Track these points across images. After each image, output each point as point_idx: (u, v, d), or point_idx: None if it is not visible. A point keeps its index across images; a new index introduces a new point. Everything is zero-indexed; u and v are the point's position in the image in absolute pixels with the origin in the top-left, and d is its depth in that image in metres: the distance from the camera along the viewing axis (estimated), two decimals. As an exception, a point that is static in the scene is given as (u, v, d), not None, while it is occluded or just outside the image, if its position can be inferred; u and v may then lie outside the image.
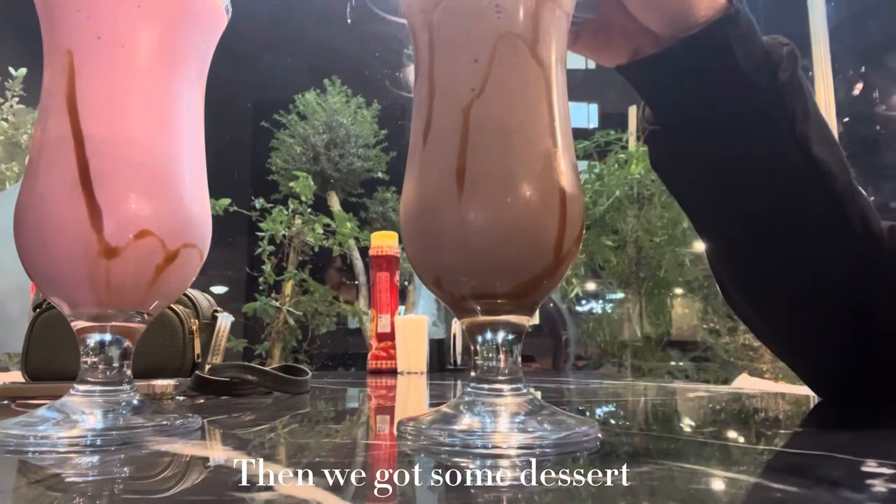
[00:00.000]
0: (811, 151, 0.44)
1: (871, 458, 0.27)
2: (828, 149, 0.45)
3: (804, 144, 0.44)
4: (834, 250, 0.46)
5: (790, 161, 0.45)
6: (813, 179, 0.45)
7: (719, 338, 2.55)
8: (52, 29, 0.36)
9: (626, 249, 2.56)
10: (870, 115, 4.08)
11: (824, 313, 0.48)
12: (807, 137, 0.45)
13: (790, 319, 0.50)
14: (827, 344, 0.50)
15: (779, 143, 0.45)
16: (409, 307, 2.71)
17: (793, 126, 0.44)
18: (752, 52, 0.44)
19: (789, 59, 0.44)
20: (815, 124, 0.45)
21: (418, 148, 0.35)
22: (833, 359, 0.51)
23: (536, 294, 0.34)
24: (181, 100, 0.38)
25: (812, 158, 0.45)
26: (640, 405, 0.59)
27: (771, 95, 0.44)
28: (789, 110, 0.44)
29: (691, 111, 0.46)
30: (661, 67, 0.46)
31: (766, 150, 0.45)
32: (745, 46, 0.43)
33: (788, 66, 0.44)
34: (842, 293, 0.47)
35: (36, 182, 0.35)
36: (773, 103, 0.44)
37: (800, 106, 0.45)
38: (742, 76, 0.43)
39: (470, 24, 0.34)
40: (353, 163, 3.41)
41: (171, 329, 0.71)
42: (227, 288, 3.78)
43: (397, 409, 0.58)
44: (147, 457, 0.29)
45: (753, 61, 0.43)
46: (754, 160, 0.46)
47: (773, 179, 0.46)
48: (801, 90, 0.45)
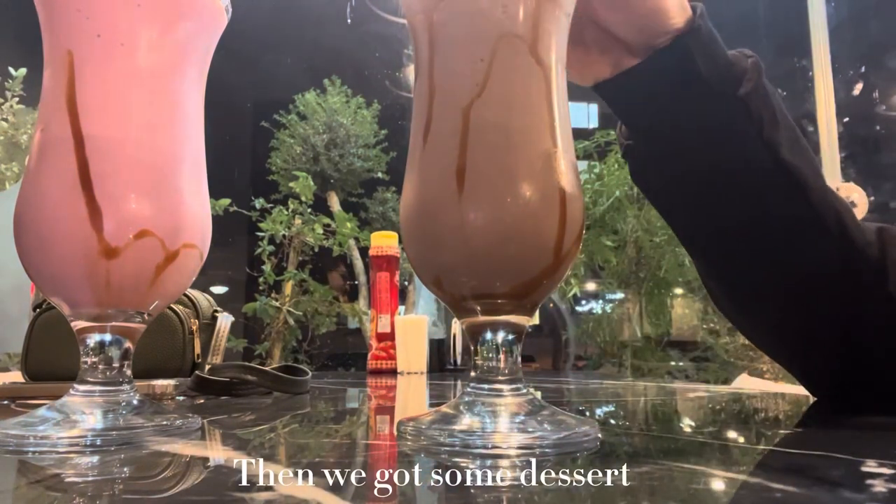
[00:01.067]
0: (781, 156, 0.45)
1: (871, 458, 0.27)
2: (799, 154, 0.46)
3: (774, 150, 0.45)
4: (809, 254, 0.47)
5: (761, 167, 0.45)
6: (785, 184, 0.46)
7: (719, 338, 2.55)
8: (52, 29, 0.36)
9: (625, 249, 2.56)
10: (870, 115, 4.08)
11: (811, 316, 0.49)
12: (776, 143, 0.45)
13: (778, 323, 0.51)
14: (816, 346, 0.50)
15: (748, 150, 0.45)
16: (409, 307, 2.71)
17: (760, 133, 0.45)
18: (716, 64, 0.45)
19: (753, 70, 0.45)
20: (785, 131, 0.46)
21: (418, 148, 0.35)
22: (823, 360, 0.51)
23: (536, 294, 0.34)
24: (181, 99, 0.38)
25: (782, 163, 0.45)
26: (639, 405, 0.59)
27: (736, 105, 0.45)
28: (756, 118, 0.45)
29: (660, 125, 0.47)
30: (629, 84, 0.47)
31: (736, 159, 0.46)
32: (709, 58, 0.44)
33: (752, 76, 0.45)
34: (827, 296, 0.47)
35: (36, 182, 0.35)
36: (740, 112, 0.45)
37: (767, 113, 0.45)
38: (707, 87, 0.44)
39: (470, 24, 0.34)
40: (353, 163, 3.40)
41: (171, 329, 0.71)
42: (227, 288, 3.78)
43: (397, 409, 0.58)
44: (147, 457, 0.29)
45: (717, 73, 0.44)
46: (725, 169, 0.46)
47: (745, 187, 0.46)
48: (767, 99, 0.46)
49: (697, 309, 2.76)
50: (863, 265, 0.46)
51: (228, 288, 3.78)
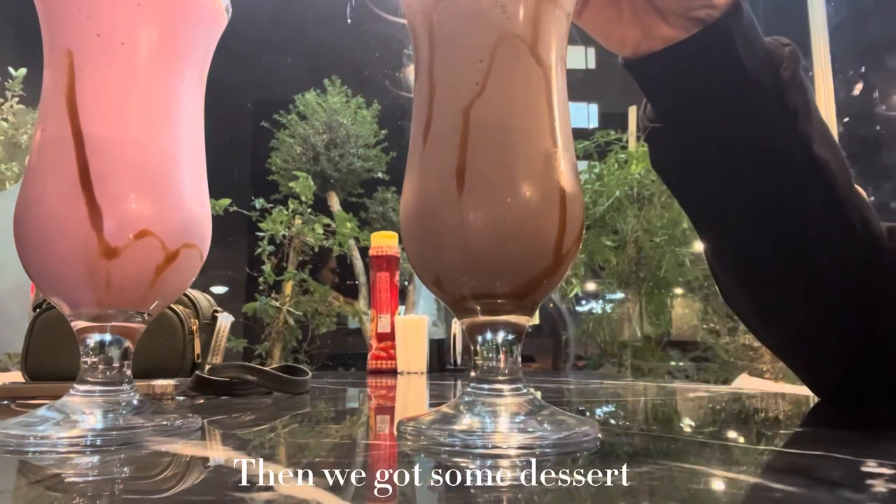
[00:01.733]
0: (812, 150, 0.44)
1: (871, 458, 0.27)
2: (829, 149, 0.45)
3: (806, 143, 0.44)
4: (833, 250, 0.46)
5: (791, 159, 0.45)
6: (813, 178, 0.45)
7: (719, 338, 2.55)
8: (52, 28, 0.36)
9: (626, 249, 2.56)
10: (870, 115, 4.08)
11: (823, 313, 0.48)
12: (808, 136, 0.44)
13: (789, 319, 0.50)
14: (826, 344, 0.50)
15: (780, 141, 0.45)
16: (409, 307, 2.71)
17: (794, 124, 0.44)
18: (754, 51, 0.44)
19: (791, 58, 0.44)
20: (817, 124, 0.45)
21: (418, 148, 0.35)
22: (832, 359, 0.51)
23: (536, 294, 0.34)
24: (181, 99, 0.38)
25: (813, 157, 0.44)
26: (640, 405, 0.59)
27: (773, 93, 0.44)
28: (791, 108, 0.44)
29: (693, 108, 0.46)
30: (665, 63, 0.45)
31: (767, 148, 0.45)
32: (748, 44, 0.43)
33: (790, 64, 0.44)
34: (842, 293, 0.47)
35: (36, 182, 0.35)
36: (775, 101, 0.44)
37: (802, 105, 0.45)
38: (744, 73, 0.43)
39: (470, 24, 0.34)
40: (353, 163, 3.41)
41: (171, 329, 0.71)
42: (227, 288, 3.78)
43: (397, 409, 0.58)
44: (147, 457, 0.29)
45: (756, 59, 0.43)
46: (755, 158, 0.46)
47: (773, 177, 0.45)
48: (803, 89, 0.45)
49: (697, 309, 2.76)
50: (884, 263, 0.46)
51: (228, 288, 3.79)
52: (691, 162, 0.48)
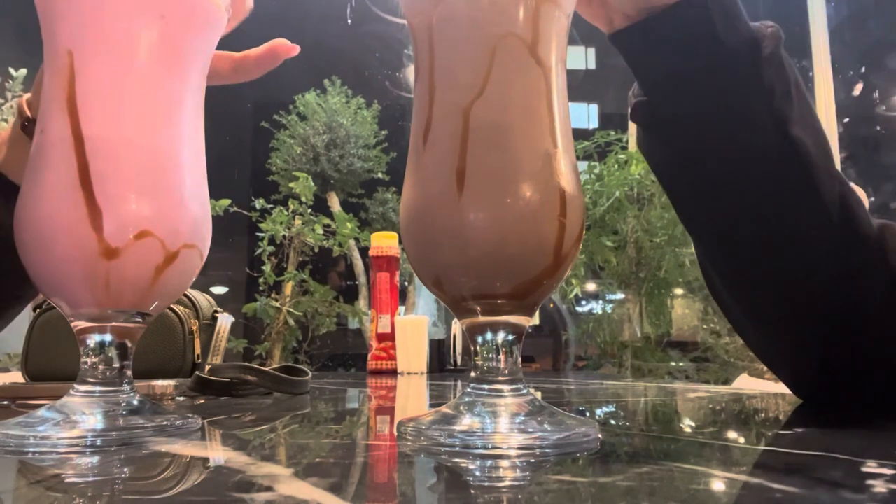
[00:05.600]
0: (787, 129, 0.44)
1: (871, 458, 0.27)
2: (809, 132, 0.45)
3: (781, 123, 0.44)
4: (805, 239, 0.46)
5: (765, 137, 0.44)
6: (787, 159, 0.44)
7: (719, 338, 2.55)
8: (52, 29, 0.36)
9: (626, 250, 2.56)
10: (870, 115, 4.08)
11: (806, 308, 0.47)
12: (785, 116, 0.44)
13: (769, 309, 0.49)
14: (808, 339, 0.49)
15: (755, 119, 0.44)
16: (409, 307, 2.71)
17: (770, 102, 0.44)
18: (734, 26, 0.44)
19: (772, 38, 0.44)
20: (797, 107, 0.45)
21: (418, 148, 0.35)
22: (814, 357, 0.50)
23: (536, 294, 0.34)
24: (181, 100, 0.38)
25: (788, 137, 0.44)
26: (640, 406, 0.59)
27: (750, 70, 0.44)
28: (767, 86, 0.44)
29: (673, 82, 0.46)
30: (646, 33, 0.45)
31: (742, 128, 0.45)
32: (727, 19, 0.43)
33: (770, 43, 0.44)
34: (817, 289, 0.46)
35: (36, 182, 0.35)
36: (752, 77, 0.44)
37: (780, 84, 0.44)
38: (722, 47, 0.43)
39: (470, 24, 0.34)
40: (353, 163, 3.40)
41: (171, 329, 0.71)
42: (227, 288, 3.78)
43: (397, 409, 0.58)
44: (147, 457, 0.29)
45: (736, 35, 0.44)
46: (730, 134, 0.45)
47: (747, 155, 0.45)
48: (782, 70, 0.45)
49: (697, 309, 2.76)
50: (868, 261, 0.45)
51: (228, 288, 3.78)
52: (669, 138, 0.48)
